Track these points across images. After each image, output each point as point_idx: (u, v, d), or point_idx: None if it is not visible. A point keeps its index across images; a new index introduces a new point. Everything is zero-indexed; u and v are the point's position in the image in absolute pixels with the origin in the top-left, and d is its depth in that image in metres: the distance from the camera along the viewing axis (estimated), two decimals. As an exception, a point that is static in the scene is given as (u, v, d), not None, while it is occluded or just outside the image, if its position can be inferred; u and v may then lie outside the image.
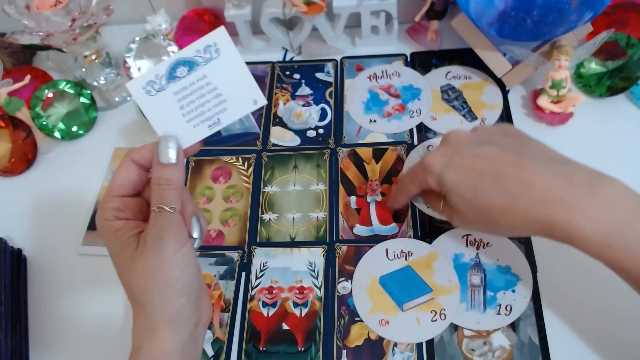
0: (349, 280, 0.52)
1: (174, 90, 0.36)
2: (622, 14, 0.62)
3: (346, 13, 0.67)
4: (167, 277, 0.35)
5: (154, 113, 0.36)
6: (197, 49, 0.35)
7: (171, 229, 0.35)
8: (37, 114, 0.65)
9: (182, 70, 0.36)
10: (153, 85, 0.36)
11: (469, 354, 0.47)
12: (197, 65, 0.36)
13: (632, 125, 0.59)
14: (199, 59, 0.35)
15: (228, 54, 0.35)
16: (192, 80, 0.36)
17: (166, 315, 0.35)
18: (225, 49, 0.35)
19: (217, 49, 0.35)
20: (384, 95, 0.66)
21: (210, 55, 0.35)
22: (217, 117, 0.37)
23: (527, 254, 0.51)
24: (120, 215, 0.36)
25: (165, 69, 0.36)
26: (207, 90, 0.36)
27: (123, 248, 0.36)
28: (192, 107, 0.36)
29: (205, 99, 0.36)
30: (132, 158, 0.37)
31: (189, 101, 0.36)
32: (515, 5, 0.53)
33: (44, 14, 0.57)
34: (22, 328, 0.53)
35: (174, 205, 0.35)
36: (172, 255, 0.35)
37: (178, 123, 0.36)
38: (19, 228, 0.61)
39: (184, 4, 0.75)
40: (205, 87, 0.36)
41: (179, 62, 0.36)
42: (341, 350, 0.49)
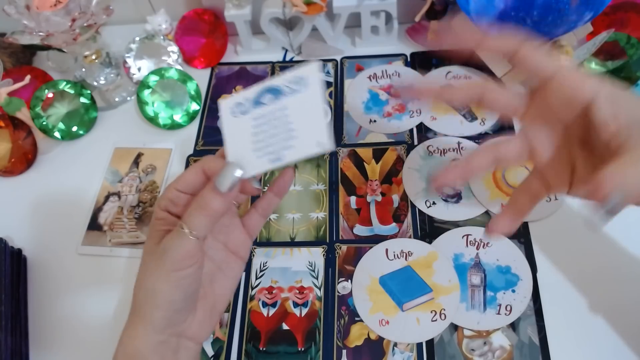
0: (349, 280, 0.52)
1: (254, 116, 0.35)
2: (622, 14, 0.62)
3: (346, 13, 0.67)
4: (155, 287, 0.34)
5: (231, 135, 0.35)
6: (287, 79, 0.34)
7: (181, 251, 0.34)
8: (37, 114, 0.65)
9: (268, 97, 0.35)
10: (240, 107, 0.35)
11: (469, 354, 0.47)
12: (283, 94, 0.34)
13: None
14: (285, 89, 0.34)
15: (314, 91, 0.34)
16: (273, 109, 0.34)
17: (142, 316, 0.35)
18: (312, 85, 0.34)
19: (305, 83, 0.34)
20: (384, 95, 0.66)
21: (298, 88, 0.34)
22: (281, 153, 0.34)
23: (527, 254, 0.51)
24: (171, 208, 0.36)
25: (255, 94, 0.35)
26: (281, 123, 0.34)
27: (150, 237, 0.36)
28: (262, 136, 0.35)
29: (276, 131, 0.34)
30: (203, 168, 0.36)
31: (262, 130, 0.35)
32: (515, 5, 0.53)
33: (44, 14, 0.57)
34: (22, 328, 0.53)
35: (199, 232, 0.34)
36: (168, 272, 0.34)
37: (245, 150, 0.35)
38: (19, 228, 0.61)
39: (184, 4, 0.75)
40: (282, 119, 0.34)
41: (267, 89, 0.35)
42: (341, 350, 0.49)
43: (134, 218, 0.60)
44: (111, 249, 0.58)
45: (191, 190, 0.37)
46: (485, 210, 0.55)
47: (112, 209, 0.61)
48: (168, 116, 0.66)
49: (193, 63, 0.73)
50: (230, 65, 0.73)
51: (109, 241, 0.59)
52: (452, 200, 0.56)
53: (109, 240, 0.59)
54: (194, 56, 0.73)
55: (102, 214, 0.61)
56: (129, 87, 0.72)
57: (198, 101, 0.67)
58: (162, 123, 0.66)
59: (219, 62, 0.73)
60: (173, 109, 0.67)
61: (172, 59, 0.71)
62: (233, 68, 0.72)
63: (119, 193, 0.62)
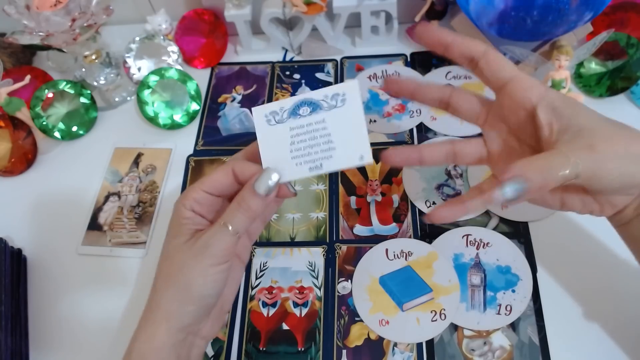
0: (349, 280, 0.52)
1: (292, 126, 0.37)
2: (622, 14, 0.62)
3: (346, 13, 0.67)
4: (191, 282, 0.35)
5: (266, 141, 0.37)
6: (326, 94, 0.36)
7: (222, 246, 0.35)
8: (37, 114, 0.65)
9: (305, 109, 0.37)
10: (275, 116, 0.37)
11: (469, 354, 0.47)
12: (321, 109, 0.36)
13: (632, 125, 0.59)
14: (324, 104, 0.36)
15: (353, 106, 0.36)
16: (311, 121, 0.36)
17: (168, 313, 0.36)
18: (351, 101, 0.36)
19: (344, 99, 0.36)
20: (384, 95, 0.66)
21: (335, 103, 0.36)
22: (321, 162, 0.36)
23: (527, 254, 0.51)
24: (196, 207, 0.37)
25: (291, 104, 0.37)
26: (320, 134, 0.36)
27: (178, 235, 0.37)
28: (301, 145, 0.37)
29: (316, 142, 0.36)
30: (234, 169, 0.37)
31: (301, 140, 0.37)
32: (515, 5, 0.53)
33: (44, 14, 0.57)
34: (22, 328, 0.53)
35: (239, 229, 0.36)
36: (207, 266, 0.35)
37: (283, 157, 0.37)
38: (19, 228, 0.61)
39: (184, 4, 0.75)
40: (320, 131, 0.36)
41: (305, 101, 0.37)
42: (341, 350, 0.49)
43: (134, 218, 0.60)
44: (111, 249, 0.58)
45: (218, 192, 0.38)
46: (485, 210, 0.55)
47: (112, 209, 0.61)
48: (168, 116, 0.66)
49: (193, 63, 0.73)
50: (230, 65, 0.73)
51: (109, 241, 0.59)
52: (452, 200, 0.56)
53: (109, 240, 0.59)
54: (194, 56, 0.73)
55: (102, 214, 0.61)
56: (129, 87, 0.72)
57: (198, 101, 0.67)
58: (162, 123, 0.66)
59: (219, 62, 0.73)
60: (173, 109, 0.67)
61: (172, 59, 0.71)
62: (233, 68, 0.72)
63: (119, 193, 0.62)
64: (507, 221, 0.54)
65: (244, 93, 0.69)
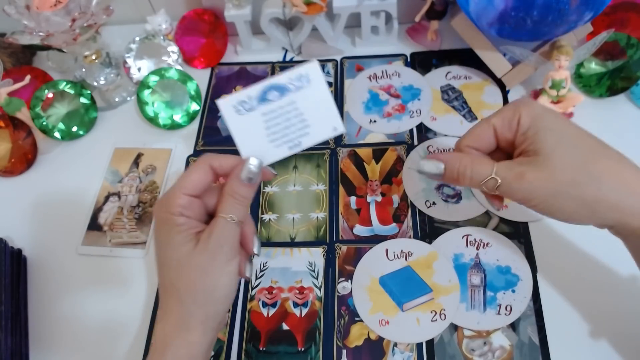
0: (349, 280, 0.52)
1: (263, 112, 0.39)
2: (622, 14, 0.62)
3: (346, 13, 0.67)
4: (217, 282, 0.36)
5: (240, 131, 0.39)
6: (290, 77, 0.39)
7: (233, 239, 0.37)
8: (37, 114, 0.65)
9: (274, 94, 0.39)
10: (244, 105, 0.39)
11: (469, 354, 0.47)
12: (289, 91, 0.39)
13: (632, 125, 0.59)
14: (290, 86, 0.39)
15: (317, 84, 0.39)
16: (282, 104, 0.39)
17: (203, 316, 0.36)
18: (315, 79, 0.39)
19: (308, 79, 0.39)
20: (384, 96, 0.66)
21: (301, 84, 0.39)
22: (299, 140, 0.39)
23: (527, 254, 0.51)
24: (185, 212, 0.37)
25: (258, 92, 0.39)
26: (293, 115, 0.39)
27: (183, 243, 0.37)
28: (277, 128, 0.39)
29: (290, 122, 0.39)
30: (211, 164, 0.38)
31: (275, 123, 0.39)
32: (515, 5, 0.53)
33: (44, 14, 0.57)
34: (22, 328, 0.53)
35: (241, 219, 0.37)
36: (226, 262, 0.37)
37: (261, 142, 0.39)
38: (19, 228, 0.61)
39: (184, 4, 0.75)
40: (292, 112, 0.39)
41: (272, 86, 0.39)
42: (341, 350, 0.49)
43: (134, 218, 0.60)
44: (111, 249, 0.58)
45: (199, 192, 0.38)
46: (485, 211, 0.55)
47: (112, 209, 0.61)
48: (168, 116, 0.66)
49: (193, 63, 0.73)
50: (230, 65, 0.73)
51: (109, 241, 0.59)
52: (452, 200, 0.56)
53: (109, 240, 0.59)
54: (194, 56, 0.73)
55: (102, 214, 0.61)
56: (129, 87, 0.72)
57: (198, 101, 0.67)
58: (162, 123, 0.66)
59: (219, 62, 0.73)
60: (173, 109, 0.67)
61: (172, 59, 0.71)
62: (233, 68, 0.72)
63: (119, 193, 0.62)
64: (507, 221, 0.54)
65: (244, 93, 0.69)
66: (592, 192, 0.35)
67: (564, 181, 0.35)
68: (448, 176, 0.39)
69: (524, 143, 0.37)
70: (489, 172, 0.37)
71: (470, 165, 0.38)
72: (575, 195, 0.35)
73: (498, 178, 0.37)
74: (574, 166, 0.35)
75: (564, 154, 0.36)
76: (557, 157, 0.36)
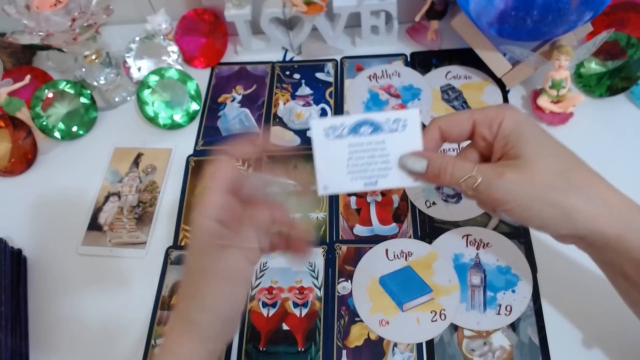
0: (349, 280, 0.52)
1: (351, 143, 0.39)
2: (622, 14, 0.62)
3: (346, 13, 0.67)
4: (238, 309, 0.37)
5: (322, 154, 0.39)
6: (388, 118, 0.38)
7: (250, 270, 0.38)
8: (37, 114, 0.65)
9: (366, 129, 0.39)
10: (334, 130, 0.39)
11: (469, 354, 0.47)
12: (382, 130, 0.38)
13: (632, 125, 0.59)
14: (385, 126, 0.39)
15: (413, 132, 0.38)
16: (371, 140, 0.39)
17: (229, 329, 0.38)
18: (412, 127, 0.38)
19: (405, 124, 0.38)
20: (384, 95, 0.66)
21: (396, 127, 0.38)
22: (376, 179, 0.39)
23: (527, 254, 0.51)
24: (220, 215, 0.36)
25: (352, 122, 0.38)
26: (379, 154, 0.39)
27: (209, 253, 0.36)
28: (359, 162, 0.39)
29: (374, 160, 0.39)
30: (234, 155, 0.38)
31: (359, 156, 0.39)
32: (515, 5, 0.53)
33: (44, 14, 0.57)
34: (22, 328, 0.53)
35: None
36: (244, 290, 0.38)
37: (339, 170, 0.39)
38: (19, 228, 0.61)
39: (184, 4, 0.75)
40: (380, 151, 0.39)
41: (367, 121, 0.39)
42: (341, 350, 0.49)
43: (134, 218, 0.60)
44: (111, 249, 0.58)
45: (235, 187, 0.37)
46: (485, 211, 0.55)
47: (112, 209, 0.61)
48: (168, 116, 0.66)
49: (193, 63, 0.73)
50: (230, 65, 0.73)
51: (109, 241, 0.59)
52: (452, 200, 0.56)
53: (109, 240, 0.59)
54: (194, 56, 0.73)
55: (102, 214, 0.61)
56: (129, 87, 0.72)
57: (198, 101, 0.67)
58: (162, 123, 0.66)
59: (219, 62, 0.73)
60: (173, 109, 0.67)
61: (172, 59, 0.71)
62: (233, 68, 0.72)
63: (119, 193, 0.62)
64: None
65: (244, 93, 0.69)
66: (571, 199, 0.35)
67: (544, 185, 0.35)
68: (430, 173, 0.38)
69: (505, 147, 0.38)
70: (469, 169, 0.37)
71: (451, 163, 0.38)
72: (554, 200, 0.35)
73: (478, 176, 0.37)
74: (554, 172, 0.36)
75: (545, 160, 0.36)
76: (539, 161, 0.36)
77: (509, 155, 0.37)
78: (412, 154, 0.39)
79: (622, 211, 0.36)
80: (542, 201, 0.35)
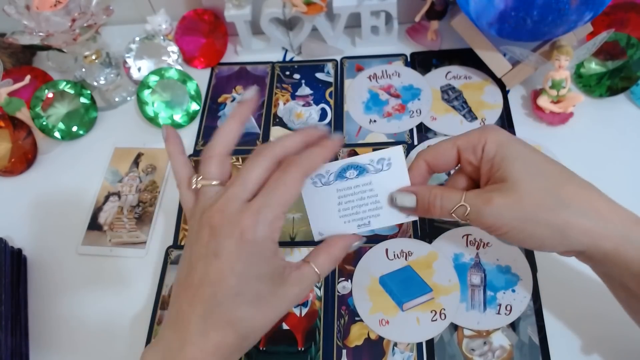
0: (349, 280, 0.52)
1: (339, 188, 0.39)
2: (622, 14, 0.62)
3: (346, 13, 0.67)
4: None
5: (312, 202, 0.40)
6: (372, 159, 0.39)
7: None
8: (37, 114, 0.66)
9: (352, 172, 0.39)
10: (321, 178, 0.39)
11: (469, 353, 0.47)
12: (367, 172, 0.39)
13: (632, 125, 0.59)
14: (370, 167, 0.39)
15: (398, 169, 0.39)
16: (358, 183, 0.39)
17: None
18: (396, 165, 0.39)
19: (389, 163, 0.39)
20: (384, 95, 0.66)
21: (381, 167, 0.39)
22: (369, 220, 0.40)
23: (527, 254, 0.51)
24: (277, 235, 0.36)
25: (337, 168, 0.39)
26: (368, 195, 0.39)
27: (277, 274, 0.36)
28: (349, 205, 0.39)
29: (364, 202, 0.39)
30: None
31: (348, 200, 0.39)
32: (515, 5, 0.53)
33: (44, 14, 0.57)
34: (22, 328, 0.53)
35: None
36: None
37: (331, 215, 0.40)
38: (19, 228, 0.61)
39: (184, 4, 0.75)
40: (368, 192, 0.39)
41: (351, 165, 0.39)
42: (341, 350, 0.49)
43: (134, 218, 0.60)
44: (111, 249, 0.58)
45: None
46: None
47: (112, 208, 0.61)
48: (168, 116, 0.66)
49: (193, 63, 0.73)
50: (230, 65, 0.73)
51: (109, 241, 0.59)
52: (452, 200, 0.56)
53: (109, 240, 0.59)
54: (194, 56, 0.73)
55: (102, 213, 0.61)
56: (129, 87, 0.72)
57: (198, 101, 0.67)
58: (162, 123, 0.66)
59: (219, 62, 0.73)
60: (173, 109, 0.67)
61: (172, 59, 0.71)
62: (233, 68, 0.72)
63: (119, 193, 0.62)
64: (507, 221, 0.54)
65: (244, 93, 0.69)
66: (563, 217, 0.35)
67: (532, 205, 0.35)
68: (420, 207, 0.39)
69: (491, 170, 0.37)
70: (458, 199, 0.37)
71: (439, 194, 0.38)
72: (545, 219, 0.35)
73: (467, 205, 0.36)
74: (541, 191, 0.35)
75: (531, 180, 0.36)
76: (525, 182, 0.35)
77: (495, 178, 0.37)
78: (401, 190, 0.39)
79: (617, 223, 0.35)
80: (533, 222, 0.35)
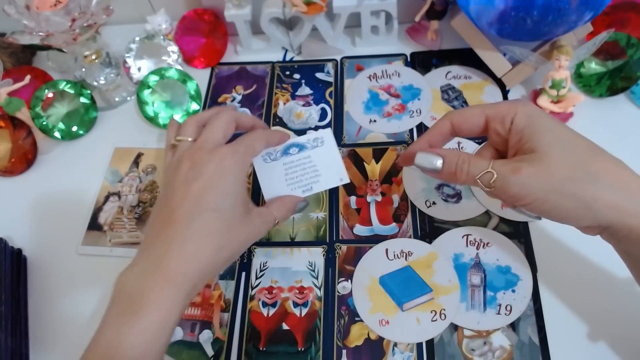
0: (349, 280, 0.52)
1: (284, 162, 0.50)
2: (622, 14, 0.62)
3: (346, 13, 0.67)
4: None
5: (264, 175, 0.49)
6: (309, 139, 0.51)
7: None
8: (37, 114, 0.66)
9: (294, 149, 0.50)
10: (270, 155, 0.50)
11: (469, 354, 0.47)
12: (306, 148, 0.50)
13: (632, 125, 0.59)
14: (308, 145, 0.51)
15: (329, 145, 0.51)
16: (300, 157, 0.50)
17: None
18: (328, 142, 0.51)
19: (322, 141, 0.51)
20: (384, 95, 0.66)
21: (317, 144, 0.51)
22: (311, 186, 0.49)
23: (527, 254, 0.51)
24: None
25: (282, 147, 0.50)
26: (308, 166, 0.50)
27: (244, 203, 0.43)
28: (294, 175, 0.49)
29: (305, 172, 0.49)
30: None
31: (293, 171, 0.49)
32: (515, 5, 0.53)
33: (44, 14, 0.57)
34: (22, 328, 0.53)
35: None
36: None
37: (280, 185, 0.49)
38: (19, 228, 0.61)
39: (184, 4, 0.75)
40: (308, 164, 0.50)
41: (293, 144, 0.51)
42: (341, 350, 0.49)
43: (134, 218, 0.60)
44: (111, 249, 0.58)
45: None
46: (485, 210, 0.55)
47: (112, 209, 0.61)
48: (168, 116, 0.66)
49: (193, 63, 0.73)
50: (230, 65, 0.73)
51: (109, 241, 0.59)
52: (452, 200, 0.56)
53: (109, 240, 0.59)
54: (194, 56, 0.73)
55: (102, 214, 0.61)
56: (129, 87, 0.72)
57: (198, 101, 0.67)
58: (162, 123, 0.66)
59: (219, 62, 0.73)
60: (173, 109, 0.67)
61: (172, 59, 0.71)
62: (233, 68, 0.72)
63: (119, 193, 0.62)
64: (507, 221, 0.54)
65: (244, 93, 0.69)
66: (590, 190, 0.35)
67: (561, 177, 0.35)
68: (445, 170, 0.39)
69: (520, 142, 0.37)
70: (485, 166, 0.37)
71: (467, 160, 0.38)
72: (572, 192, 0.35)
73: (494, 171, 0.36)
74: (571, 164, 0.35)
75: (561, 152, 0.36)
76: (555, 154, 0.35)
77: (524, 149, 0.37)
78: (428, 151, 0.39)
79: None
80: (560, 193, 0.35)
